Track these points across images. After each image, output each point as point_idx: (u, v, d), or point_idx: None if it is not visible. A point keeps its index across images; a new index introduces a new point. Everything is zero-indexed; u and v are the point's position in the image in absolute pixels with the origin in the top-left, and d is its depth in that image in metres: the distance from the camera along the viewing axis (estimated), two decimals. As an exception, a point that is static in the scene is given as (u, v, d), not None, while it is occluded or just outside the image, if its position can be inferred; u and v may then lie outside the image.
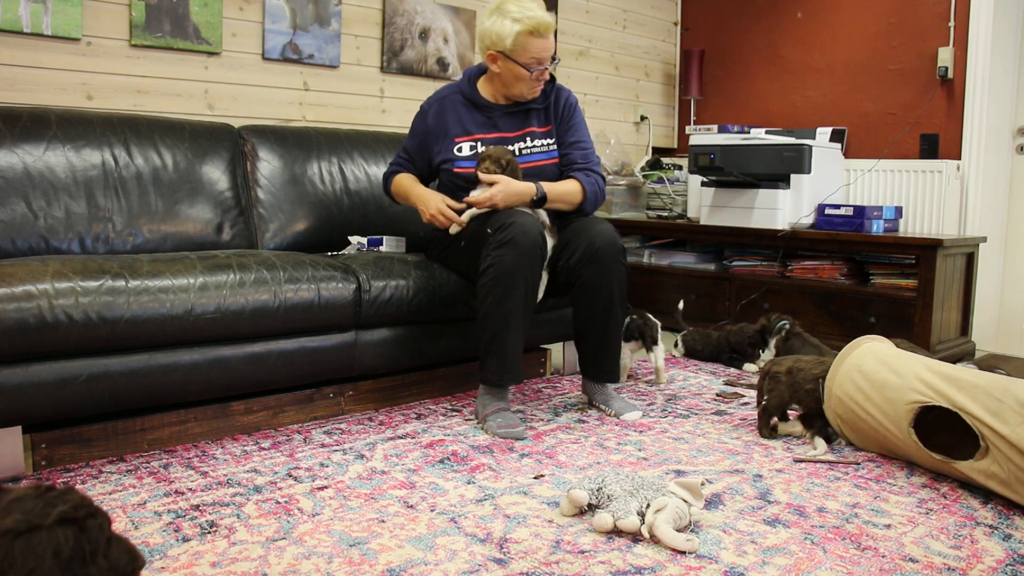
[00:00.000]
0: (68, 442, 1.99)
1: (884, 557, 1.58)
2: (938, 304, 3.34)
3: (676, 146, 5.12)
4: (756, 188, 3.83)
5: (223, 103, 3.18)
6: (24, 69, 2.72)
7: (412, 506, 1.79)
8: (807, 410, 2.29)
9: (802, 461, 2.14)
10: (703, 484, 1.71)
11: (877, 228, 3.53)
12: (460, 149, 2.56)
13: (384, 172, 2.77)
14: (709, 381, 3.01)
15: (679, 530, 1.63)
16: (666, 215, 4.44)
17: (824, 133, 4.23)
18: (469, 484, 1.93)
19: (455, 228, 2.44)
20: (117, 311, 1.93)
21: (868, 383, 2.13)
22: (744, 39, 4.75)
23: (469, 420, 2.44)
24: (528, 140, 2.59)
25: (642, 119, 4.94)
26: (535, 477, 1.98)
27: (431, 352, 2.60)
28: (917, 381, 2.01)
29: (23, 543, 0.87)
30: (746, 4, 4.73)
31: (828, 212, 3.67)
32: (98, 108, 2.87)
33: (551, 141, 2.61)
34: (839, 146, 4.05)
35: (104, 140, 2.53)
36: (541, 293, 2.43)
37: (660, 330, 2.93)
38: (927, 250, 3.31)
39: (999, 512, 1.82)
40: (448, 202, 2.46)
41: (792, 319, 2.96)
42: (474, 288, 2.45)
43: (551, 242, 2.47)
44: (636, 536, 1.64)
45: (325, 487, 1.89)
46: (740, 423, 2.48)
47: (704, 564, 1.54)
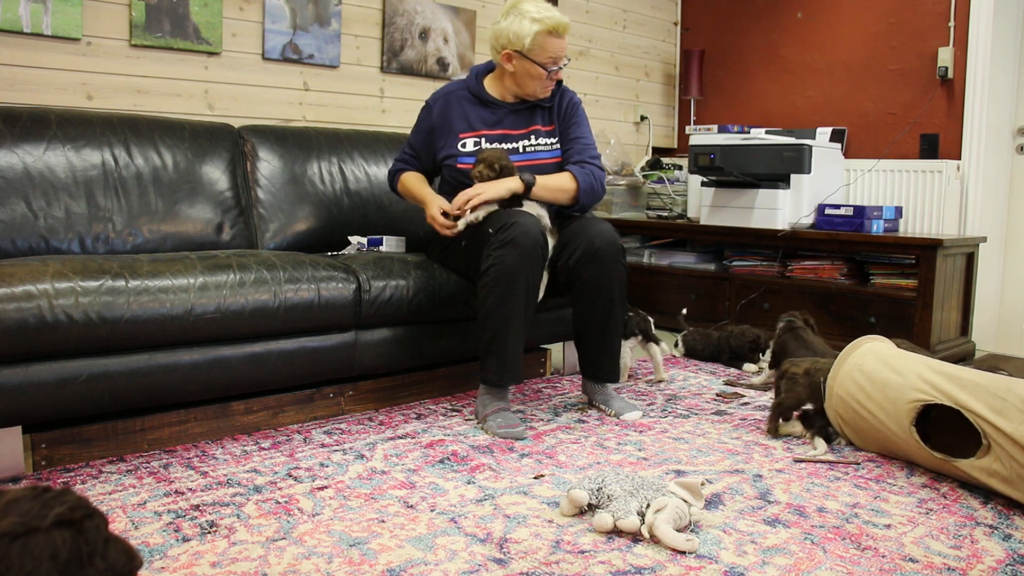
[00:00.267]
0: (68, 442, 1.99)
1: (884, 557, 1.58)
2: (938, 304, 3.34)
3: (676, 146, 5.13)
4: (756, 188, 3.83)
5: (223, 103, 3.18)
6: (24, 69, 2.72)
7: (412, 506, 1.79)
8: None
9: (802, 461, 2.14)
10: (703, 484, 1.71)
11: (877, 228, 3.53)
12: (464, 145, 2.56)
13: (390, 168, 2.78)
14: (709, 381, 3.01)
15: (679, 530, 1.63)
16: (666, 215, 4.44)
17: (824, 133, 4.23)
18: (469, 484, 1.93)
19: (472, 216, 2.44)
20: (117, 311, 1.93)
21: (870, 382, 2.13)
22: (744, 39, 4.75)
23: (469, 420, 2.44)
24: (532, 138, 2.60)
25: (642, 119, 4.94)
26: (535, 477, 1.98)
27: (431, 352, 2.60)
28: (919, 380, 2.01)
29: (20, 546, 0.86)
30: (746, 4, 4.73)
31: (828, 212, 3.67)
32: (98, 108, 2.87)
33: (554, 140, 2.62)
34: (839, 146, 4.05)
35: (104, 140, 2.53)
36: (541, 293, 2.43)
37: (654, 327, 2.95)
38: (927, 250, 3.31)
39: (999, 512, 1.82)
40: (445, 208, 2.46)
41: (801, 316, 2.90)
42: (474, 288, 2.45)
43: (551, 242, 2.47)
44: (636, 536, 1.64)
45: (325, 487, 1.89)
46: (740, 423, 2.48)
47: (704, 564, 1.54)
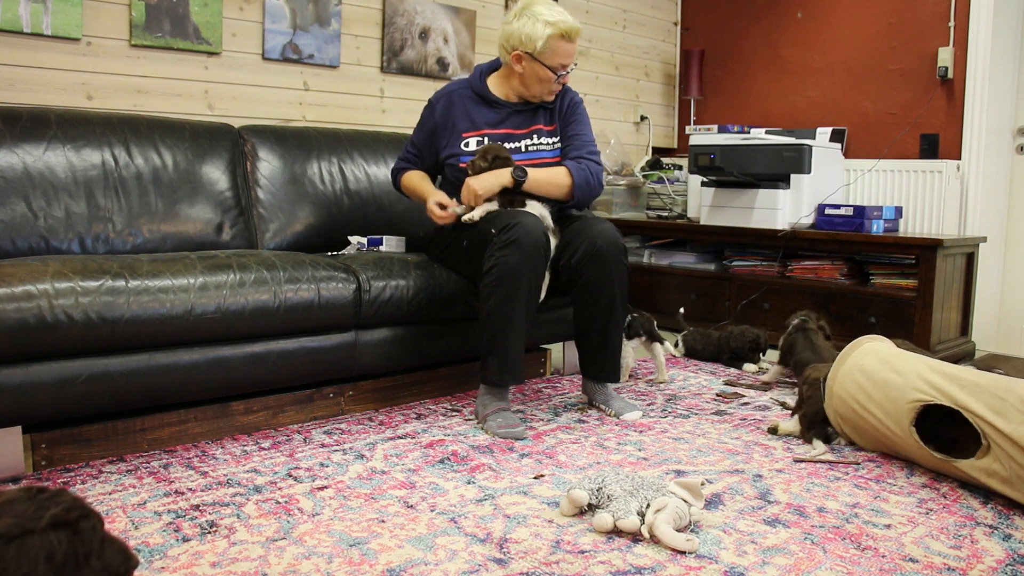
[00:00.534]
0: (68, 442, 1.99)
1: (884, 557, 1.58)
2: (938, 304, 3.34)
3: (676, 146, 5.13)
4: (756, 188, 3.83)
5: (223, 103, 3.18)
6: (24, 69, 2.72)
7: (412, 506, 1.79)
8: None
9: (802, 461, 2.14)
10: (703, 484, 1.71)
11: (877, 228, 3.53)
12: (467, 144, 2.57)
13: (393, 167, 2.79)
14: (709, 381, 3.01)
15: (679, 530, 1.63)
16: (666, 215, 4.44)
17: (824, 133, 4.23)
18: (469, 484, 1.93)
19: (468, 216, 2.45)
20: (117, 311, 1.93)
21: (870, 382, 2.13)
22: (744, 39, 4.75)
23: (469, 420, 2.44)
24: (535, 138, 2.60)
25: (642, 119, 4.94)
26: (535, 477, 1.98)
27: (431, 352, 2.60)
28: (919, 380, 2.01)
29: (15, 548, 0.86)
30: (746, 4, 4.73)
31: (828, 212, 3.67)
32: (98, 108, 2.87)
33: (556, 140, 2.62)
34: (839, 146, 4.05)
35: (104, 140, 2.53)
36: (543, 293, 2.43)
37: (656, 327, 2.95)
38: (927, 250, 3.31)
39: (999, 512, 1.82)
40: (442, 201, 2.48)
41: (815, 320, 2.88)
42: (475, 288, 2.45)
43: (553, 242, 2.47)
44: (636, 536, 1.64)
45: (325, 487, 1.89)
46: (740, 423, 2.48)
47: (704, 564, 1.54)
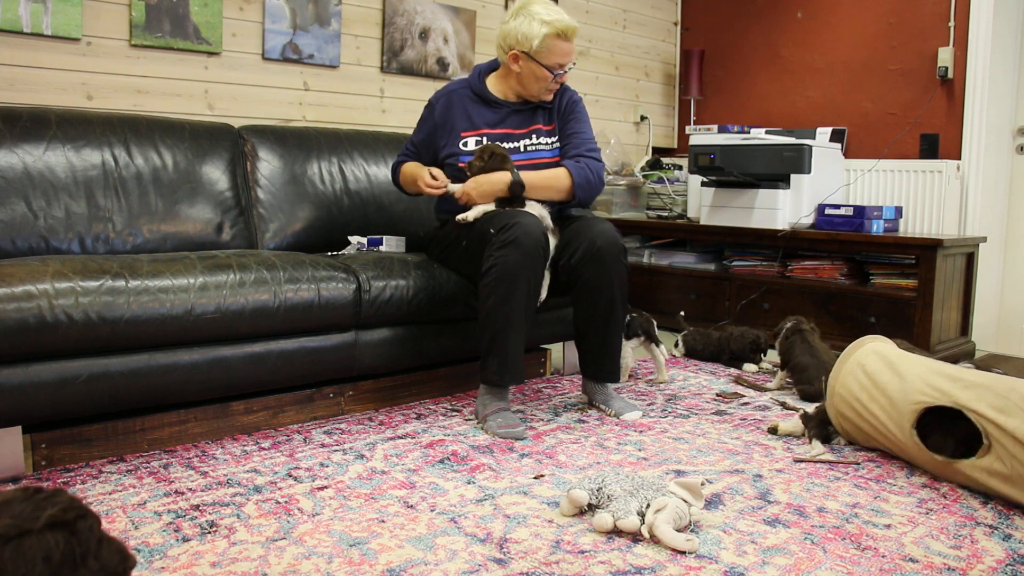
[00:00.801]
0: (68, 442, 1.99)
1: (884, 557, 1.58)
2: (938, 304, 3.34)
3: (676, 146, 5.13)
4: (756, 188, 3.83)
5: (223, 103, 3.18)
6: (24, 69, 2.72)
7: (412, 506, 1.79)
8: None
9: (802, 461, 2.14)
10: (703, 484, 1.71)
11: (877, 228, 3.53)
12: (466, 144, 2.57)
13: (392, 164, 2.80)
14: (709, 381, 3.01)
15: (679, 530, 1.63)
16: (666, 215, 4.44)
17: (824, 133, 4.23)
18: (469, 484, 1.93)
19: (461, 216, 2.46)
20: (117, 311, 1.93)
21: (872, 383, 2.13)
22: (744, 39, 4.75)
23: (469, 420, 2.44)
24: (534, 137, 2.60)
25: (642, 119, 4.94)
26: (535, 477, 1.98)
27: (431, 352, 2.60)
28: (921, 382, 2.01)
29: (13, 549, 0.85)
30: (746, 4, 4.73)
31: (828, 212, 3.67)
32: (98, 108, 2.87)
33: (555, 139, 2.62)
34: (839, 146, 4.05)
35: (104, 140, 2.53)
36: (544, 293, 2.43)
37: (656, 328, 2.94)
38: (927, 250, 3.31)
39: (999, 512, 1.82)
40: (433, 172, 2.49)
41: (805, 320, 2.88)
42: (475, 288, 2.45)
43: (553, 242, 2.47)
44: (636, 536, 1.64)
45: (325, 487, 1.89)
46: (740, 423, 2.48)
47: (704, 564, 1.54)
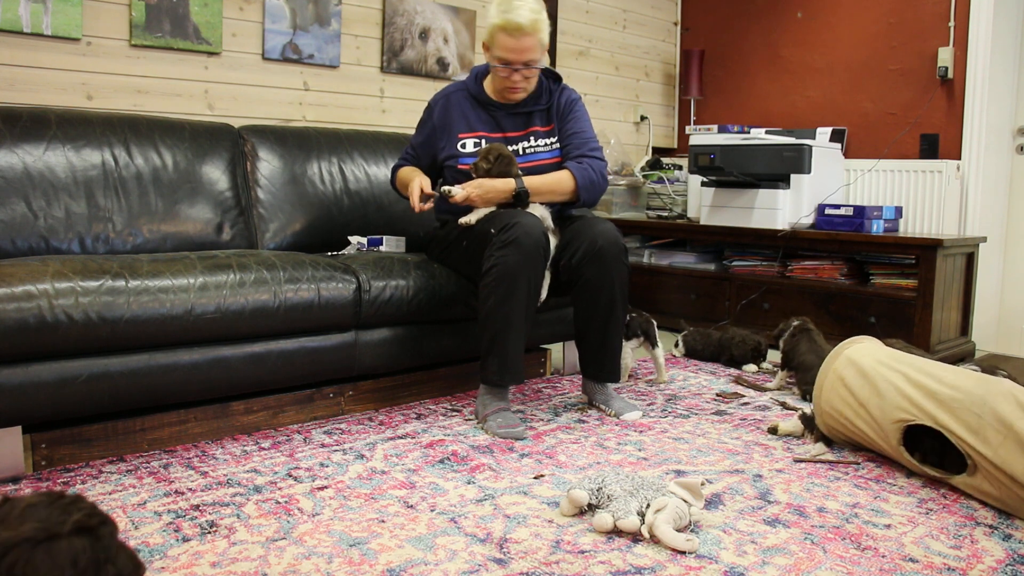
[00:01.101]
0: (68, 442, 1.99)
1: (884, 557, 1.58)
2: (938, 304, 3.34)
3: (676, 146, 5.13)
4: (756, 188, 3.83)
5: (223, 103, 3.18)
6: (24, 69, 2.72)
7: (412, 506, 1.79)
8: None
9: (802, 461, 2.13)
10: (703, 484, 1.71)
11: (877, 228, 3.53)
12: (464, 145, 2.57)
13: (392, 165, 2.80)
14: (709, 381, 3.01)
15: (679, 530, 1.63)
16: (666, 215, 4.44)
17: (824, 133, 4.23)
18: (469, 484, 1.93)
19: (464, 219, 2.45)
20: (117, 311, 1.93)
21: (853, 399, 2.09)
22: (744, 39, 4.75)
23: (469, 420, 2.44)
24: (532, 139, 2.59)
25: (642, 119, 4.94)
26: (535, 477, 1.98)
27: (431, 352, 2.60)
28: (900, 397, 1.97)
29: (43, 551, 0.87)
30: (746, 4, 4.73)
31: (828, 212, 3.67)
32: (98, 108, 2.87)
33: (553, 140, 2.61)
34: (839, 146, 4.05)
35: (104, 140, 2.53)
36: (544, 293, 2.43)
37: (657, 329, 2.94)
38: (927, 250, 3.31)
39: (999, 512, 1.82)
40: (424, 185, 2.47)
41: (810, 321, 2.88)
42: (475, 288, 2.45)
43: (553, 242, 2.47)
44: (636, 536, 1.64)
45: (325, 487, 1.89)
46: (740, 423, 2.48)
47: (704, 564, 1.54)
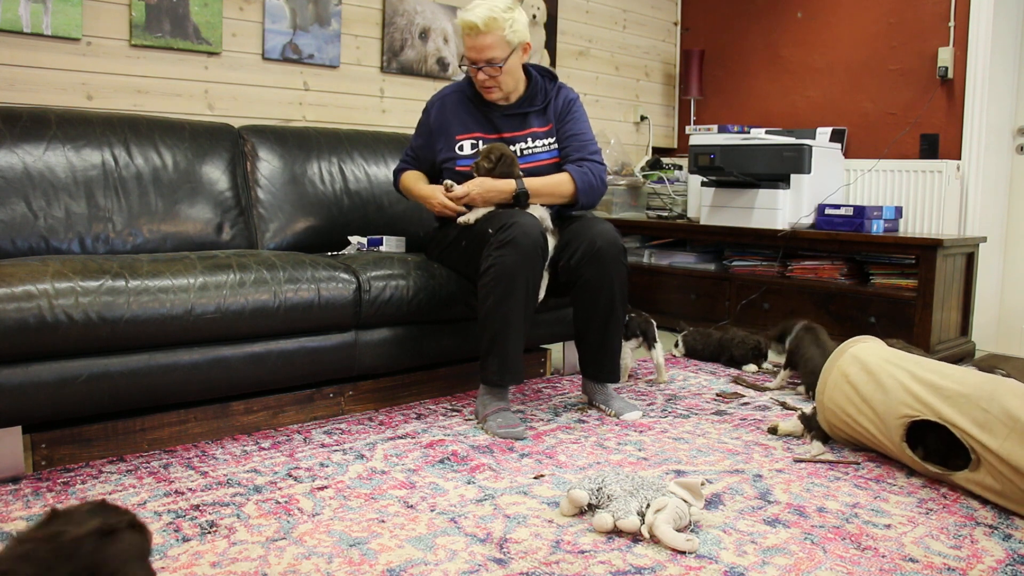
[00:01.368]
0: (68, 442, 1.99)
1: (884, 557, 1.58)
2: (938, 304, 3.34)
3: (676, 146, 5.13)
4: (756, 188, 3.82)
5: (223, 103, 3.18)
6: (24, 69, 2.72)
7: (412, 506, 1.79)
8: None
9: (802, 461, 2.13)
10: (703, 484, 1.71)
11: (877, 228, 3.53)
12: (461, 147, 2.56)
13: (394, 168, 2.81)
14: (709, 381, 3.01)
15: (679, 530, 1.63)
16: (666, 215, 4.44)
17: (824, 133, 4.23)
18: (469, 484, 1.93)
19: (463, 219, 2.47)
20: (117, 311, 1.93)
21: (857, 396, 2.10)
22: (744, 39, 4.75)
23: (469, 420, 2.44)
24: (530, 140, 2.59)
25: (642, 119, 4.94)
26: (535, 477, 1.98)
27: (431, 352, 2.60)
28: (904, 393, 1.98)
29: (112, 541, 0.99)
30: (746, 4, 4.73)
31: (828, 212, 3.67)
32: (98, 108, 2.87)
33: (552, 140, 2.61)
34: (839, 146, 4.05)
35: (104, 140, 2.53)
36: (542, 293, 2.43)
37: (657, 329, 2.94)
38: (927, 250, 3.31)
39: (999, 512, 1.82)
40: (446, 194, 2.49)
41: (811, 323, 2.88)
42: (474, 288, 2.45)
43: (552, 242, 2.47)
44: (636, 536, 1.64)
45: (325, 487, 1.89)
46: (740, 423, 2.48)
47: (704, 564, 1.54)
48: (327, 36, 3.42)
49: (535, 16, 4.27)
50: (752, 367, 3.17)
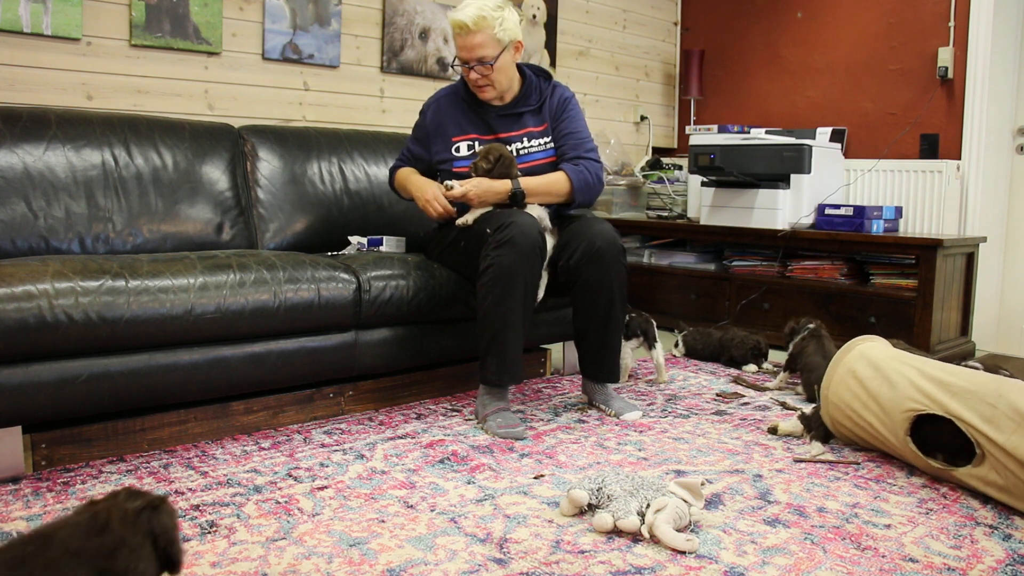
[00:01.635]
0: (68, 442, 1.99)
1: (884, 557, 1.58)
2: (938, 304, 3.34)
3: (676, 146, 5.13)
4: (756, 188, 3.82)
5: (223, 103, 3.18)
6: (24, 69, 2.72)
7: (412, 506, 1.79)
8: None
9: (802, 461, 2.14)
10: (703, 484, 1.71)
11: (877, 228, 3.53)
12: (458, 149, 2.56)
13: (390, 167, 2.80)
14: (709, 381, 3.01)
15: (679, 530, 1.63)
16: (666, 215, 4.44)
17: (824, 133, 4.23)
18: (469, 484, 1.93)
19: (462, 220, 2.47)
20: (117, 311, 1.93)
21: (863, 391, 2.11)
22: (744, 39, 4.75)
23: (469, 420, 2.44)
24: (525, 140, 2.59)
25: (642, 119, 4.94)
26: (535, 477, 1.98)
27: (431, 352, 2.60)
28: (912, 388, 1.99)
29: (160, 512, 1.14)
30: (746, 4, 4.73)
31: (828, 212, 3.67)
32: (98, 108, 2.87)
33: (547, 140, 2.61)
34: (839, 146, 4.05)
35: (104, 140, 2.53)
36: (541, 293, 2.43)
37: (657, 329, 2.94)
38: (927, 250, 3.31)
39: (999, 512, 1.82)
40: (443, 191, 2.48)
41: (822, 325, 2.88)
42: (474, 288, 2.45)
43: (551, 242, 2.47)
44: (636, 536, 1.64)
45: (325, 487, 1.89)
46: (740, 423, 2.48)
47: (704, 564, 1.54)
48: (327, 36, 3.42)
49: (535, 16, 4.27)
50: (752, 367, 3.18)
